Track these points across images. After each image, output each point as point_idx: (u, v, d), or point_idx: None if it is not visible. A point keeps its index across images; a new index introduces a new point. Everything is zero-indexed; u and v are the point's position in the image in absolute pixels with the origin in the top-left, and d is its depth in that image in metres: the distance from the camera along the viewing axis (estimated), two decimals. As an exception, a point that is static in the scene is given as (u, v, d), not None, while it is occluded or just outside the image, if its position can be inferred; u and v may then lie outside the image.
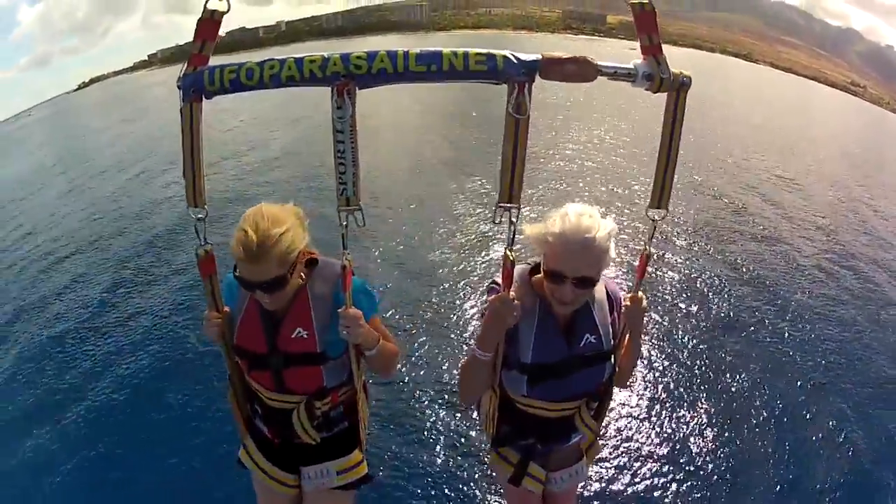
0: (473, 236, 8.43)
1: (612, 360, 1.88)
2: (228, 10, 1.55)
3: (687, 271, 7.28)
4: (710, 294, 6.88)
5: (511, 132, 1.53)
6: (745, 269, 7.33)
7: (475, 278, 6.98)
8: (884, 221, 9.60)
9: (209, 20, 1.56)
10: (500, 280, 1.72)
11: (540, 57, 1.51)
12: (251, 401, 1.98)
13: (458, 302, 6.42)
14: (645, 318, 1.88)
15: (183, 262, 7.36)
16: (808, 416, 4.66)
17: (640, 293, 1.82)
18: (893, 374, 5.25)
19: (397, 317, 5.91)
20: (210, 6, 1.54)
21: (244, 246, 1.58)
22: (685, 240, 7.45)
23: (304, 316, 1.78)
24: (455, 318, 6.04)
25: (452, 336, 5.63)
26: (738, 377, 5.21)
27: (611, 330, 1.85)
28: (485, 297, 1.80)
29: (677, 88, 1.59)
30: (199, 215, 1.71)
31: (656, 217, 1.73)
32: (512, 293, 1.66)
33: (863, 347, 5.84)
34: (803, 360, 5.51)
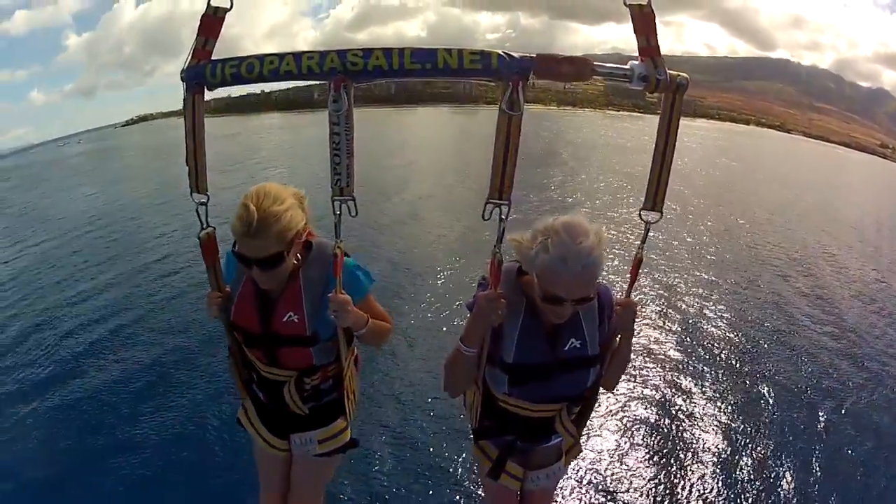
0: (468, 231, 8.69)
1: (599, 366, 1.84)
2: (231, 7, 1.60)
3: (681, 289, 7.61)
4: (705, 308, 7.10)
5: (503, 129, 1.53)
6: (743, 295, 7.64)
7: (470, 271, 7.34)
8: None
9: (212, 17, 1.61)
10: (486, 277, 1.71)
11: (535, 55, 1.52)
12: (249, 368, 2.04)
13: (451, 292, 6.71)
14: (636, 324, 1.85)
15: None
16: (802, 431, 4.63)
17: (631, 297, 1.80)
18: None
19: (390, 299, 6.26)
20: (214, 3, 1.59)
21: (244, 221, 1.63)
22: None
23: (295, 300, 1.83)
24: (447, 308, 6.32)
25: (443, 325, 5.95)
26: (730, 389, 5.24)
27: (597, 335, 1.81)
28: (475, 293, 1.78)
29: (674, 90, 1.58)
30: (202, 200, 1.79)
31: (650, 219, 1.71)
32: (499, 291, 1.64)
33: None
34: (799, 373, 5.58)
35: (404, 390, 4.75)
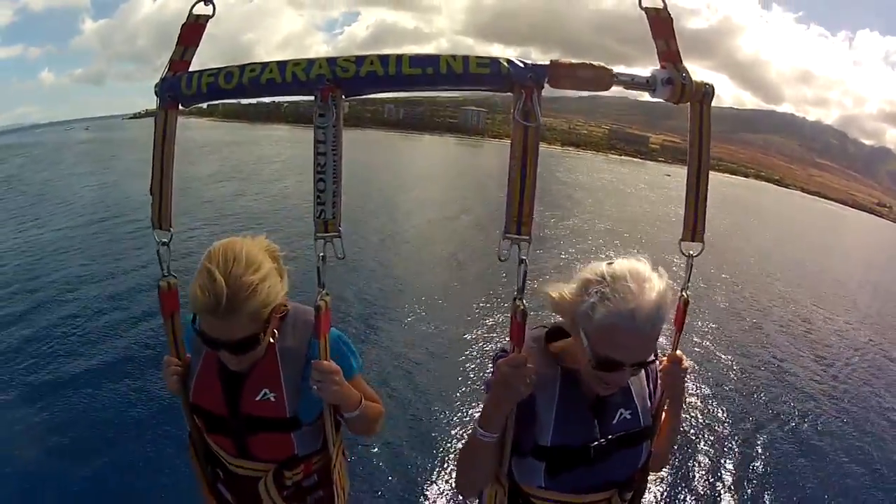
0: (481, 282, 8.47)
1: (650, 439, 1.50)
2: (214, 14, 1.47)
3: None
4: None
5: (519, 143, 1.30)
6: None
7: (483, 337, 6.63)
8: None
9: (194, 24, 1.48)
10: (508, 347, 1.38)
11: (549, 62, 1.35)
12: (213, 463, 1.66)
13: (461, 365, 5.88)
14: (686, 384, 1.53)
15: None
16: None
17: (679, 351, 1.49)
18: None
19: (389, 375, 5.61)
20: (196, 10, 1.46)
21: (210, 296, 1.29)
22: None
23: (271, 375, 1.51)
24: (458, 386, 5.51)
25: (455, 407, 5.13)
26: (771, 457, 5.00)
27: (648, 403, 1.49)
28: (491, 367, 1.44)
29: (700, 99, 1.42)
30: (164, 239, 1.48)
31: (692, 252, 1.46)
32: (524, 354, 1.32)
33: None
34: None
35: (398, 481, 4.09)
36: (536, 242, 1.32)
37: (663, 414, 1.53)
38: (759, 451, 4.97)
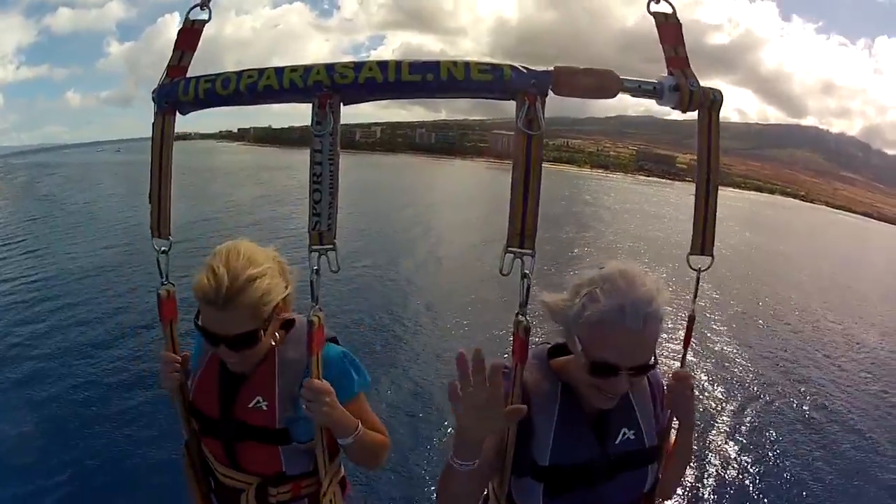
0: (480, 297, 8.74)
1: (657, 462, 1.41)
2: (209, 19, 1.46)
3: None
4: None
5: (522, 153, 1.25)
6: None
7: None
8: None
9: (190, 30, 1.46)
10: (509, 363, 1.26)
11: (552, 68, 1.30)
12: (208, 473, 1.62)
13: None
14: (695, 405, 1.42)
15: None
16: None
17: (685, 369, 1.42)
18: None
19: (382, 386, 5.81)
20: (192, 16, 1.45)
21: (211, 286, 1.30)
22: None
23: (266, 383, 1.47)
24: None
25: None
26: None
27: (653, 422, 1.40)
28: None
29: (709, 107, 1.36)
30: (163, 247, 1.47)
31: (700, 266, 1.39)
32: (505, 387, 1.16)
33: None
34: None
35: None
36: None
37: (672, 436, 1.44)
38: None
